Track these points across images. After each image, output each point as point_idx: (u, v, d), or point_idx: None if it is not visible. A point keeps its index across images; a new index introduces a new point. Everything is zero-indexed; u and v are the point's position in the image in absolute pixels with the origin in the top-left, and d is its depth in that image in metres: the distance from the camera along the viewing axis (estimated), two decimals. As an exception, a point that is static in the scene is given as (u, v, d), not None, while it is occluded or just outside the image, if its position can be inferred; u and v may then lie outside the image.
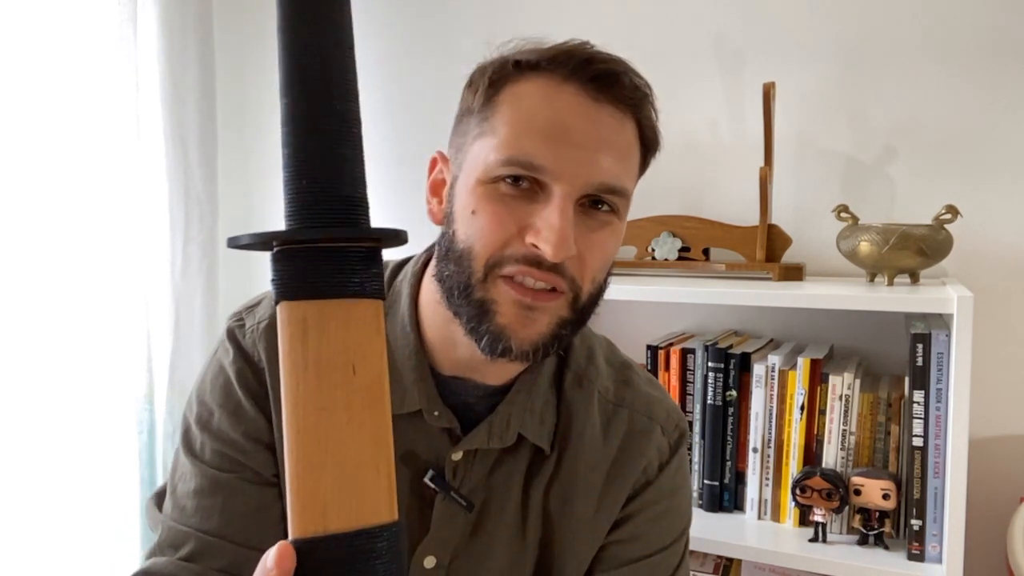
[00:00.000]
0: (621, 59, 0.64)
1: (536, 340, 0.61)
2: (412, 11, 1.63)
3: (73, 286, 1.37)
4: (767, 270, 1.26)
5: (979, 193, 1.25)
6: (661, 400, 0.79)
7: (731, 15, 1.40)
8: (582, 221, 0.61)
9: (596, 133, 0.60)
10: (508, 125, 0.61)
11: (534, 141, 0.59)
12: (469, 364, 0.68)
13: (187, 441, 0.71)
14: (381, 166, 1.70)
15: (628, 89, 0.62)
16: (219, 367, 0.71)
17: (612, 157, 0.61)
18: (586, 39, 0.64)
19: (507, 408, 0.70)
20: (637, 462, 0.75)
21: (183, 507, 0.68)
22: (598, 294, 0.66)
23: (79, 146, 1.36)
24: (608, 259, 0.65)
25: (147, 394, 1.47)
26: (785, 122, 1.33)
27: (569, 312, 0.62)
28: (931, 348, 1.03)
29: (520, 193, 0.60)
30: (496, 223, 0.60)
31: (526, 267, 0.59)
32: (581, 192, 0.60)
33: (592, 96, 0.61)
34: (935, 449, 1.03)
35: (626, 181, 0.63)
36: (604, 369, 0.77)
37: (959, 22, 1.26)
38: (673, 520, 0.78)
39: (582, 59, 0.61)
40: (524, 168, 0.59)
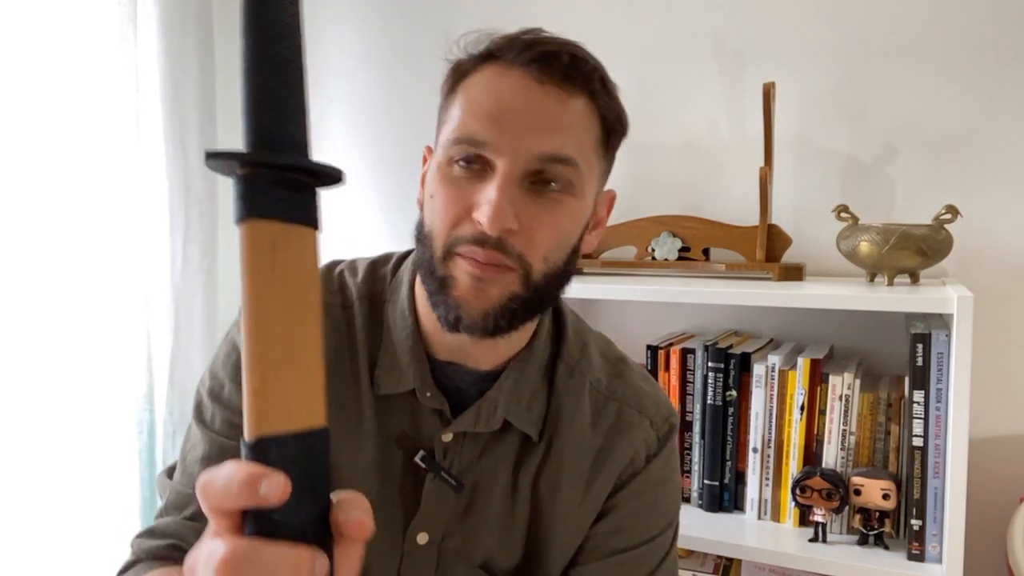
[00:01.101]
0: (569, 41, 0.67)
1: (487, 311, 0.64)
2: (415, 11, 1.63)
3: (73, 286, 1.37)
4: (767, 270, 1.26)
5: (979, 193, 1.25)
6: (652, 395, 0.80)
7: (731, 15, 1.40)
8: (530, 199, 0.64)
9: (538, 111, 0.63)
10: (460, 111, 0.65)
11: (479, 121, 0.63)
12: (460, 348, 0.71)
13: (199, 412, 0.74)
14: (381, 168, 1.70)
15: (569, 68, 0.65)
16: (232, 344, 0.75)
17: (554, 131, 0.63)
18: (540, 27, 0.68)
19: (495, 394, 0.72)
20: (624, 452, 0.77)
21: (191, 472, 0.71)
22: (555, 274, 0.67)
23: (79, 146, 1.36)
24: (563, 238, 0.66)
25: (147, 394, 1.47)
26: (785, 122, 1.33)
27: (521, 288, 0.64)
28: (931, 348, 1.03)
29: (471, 174, 0.64)
30: (449, 204, 0.64)
31: (472, 246, 0.63)
32: (524, 166, 0.63)
33: (535, 77, 0.64)
34: (935, 449, 1.03)
35: (571, 151, 0.64)
36: (598, 362, 0.79)
37: (959, 22, 1.26)
38: (659, 512, 0.79)
39: (526, 44, 0.64)
40: (470, 145, 0.63)
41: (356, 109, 1.72)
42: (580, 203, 0.67)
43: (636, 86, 1.47)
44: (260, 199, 0.40)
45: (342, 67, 1.72)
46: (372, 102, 1.70)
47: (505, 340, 0.70)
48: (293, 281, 0.40)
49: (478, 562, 0.75)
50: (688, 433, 1.25)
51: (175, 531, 0.69)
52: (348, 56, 1.72)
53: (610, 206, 0.78)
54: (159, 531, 0.70)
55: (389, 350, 0.73)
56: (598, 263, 1.40)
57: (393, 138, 1.69)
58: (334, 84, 1.73)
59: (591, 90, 0.67)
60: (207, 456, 0.71)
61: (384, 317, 0.74)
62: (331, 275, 0.77)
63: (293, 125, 0.41)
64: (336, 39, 1.73)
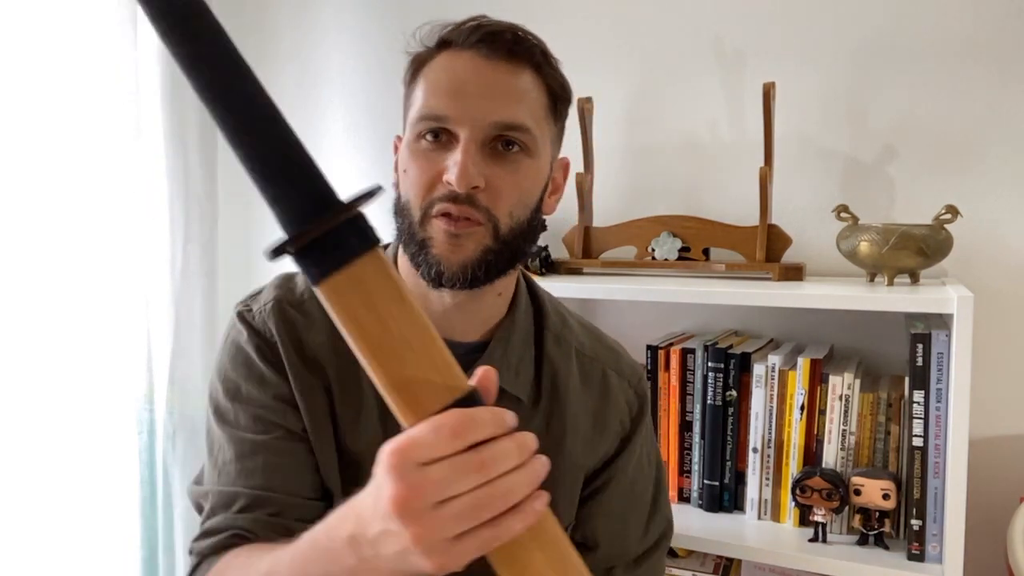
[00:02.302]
0: (512, 23, 0.75)
1: (465, 263, 0.71)
2: (415, 11, 1.63)
3: (73, 286, 1.37)
4: (767, 270, 1.26)
5: (979, 193, 1.25)
6: (624, 356, 0.92)
7: (731, 15, 1.40)
8: (493, 161, 0.72)
9: (490, 84, 0.71)
10: (422, 94, 0.73)
11: (440, 99, 0.72)
12: (444, 320, 0.77)
13: (219, 415, 0.79)
14: (380, 168, 1.70)
15: (513, 45, 0.73)
16: (236, 347, 0.80)
17: (507, 101, 0.72)
18: (484, 14, 0.75)
19: (485, 363, 0.77)
20: (614, 415, 0.87)
21: (228, 472, 0.76)
22: (521, 229, 0.75)
23: (79, 146, 1.36)
24: (525, 195, 0.75)
25: (147, 394, 1.47)
26: (785, 122, 1.33)
27: (492, 241, 0.72)
28: (931, 348, 1.03)
29: (438, 146, 0.72)
30: (421, 173, 0.72)
31: (446, 203, 0.70)
32: (483, 133, 0.71)
33: (484, 56, 0.72)
34: (935, 449, 1.03)
35: (525, 119, 0.72)
36: (577, 328, 0.89)
37: (959, 23, 1.26)
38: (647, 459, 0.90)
39: (473, 28, 0.73)
40: (434, 120, 0.71)
41: (356, 109, 1.72)
42: (537, 164, 0.75)
43: (636, 86, 1.47)
44: (313, 265, 0.47)
45: (342, 67, 1.72)
46: (372, 102, 1.70)
47: (484, 307, 0.79)
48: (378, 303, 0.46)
49: None
50: (688, 433, 1.25)
51: (230, 524, 0.74)
52: (348, 56, 1.72)
53: (565, 172, 0.85)
54: (214, 529, 0.75)
55: None
56: (598, 263, 1.40)
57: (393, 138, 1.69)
58: (334, 84, 1.73)
59: (535, 63, 0.74)
60: (240, 454, 0.76)
61: None
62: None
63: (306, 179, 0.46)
64: (336, 39, 1.73)
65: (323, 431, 0.78)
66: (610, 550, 0.87)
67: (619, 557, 0.87)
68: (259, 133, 0.46)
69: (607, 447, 0.87)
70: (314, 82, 1.75)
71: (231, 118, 0.46)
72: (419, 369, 0.47)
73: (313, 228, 0.46)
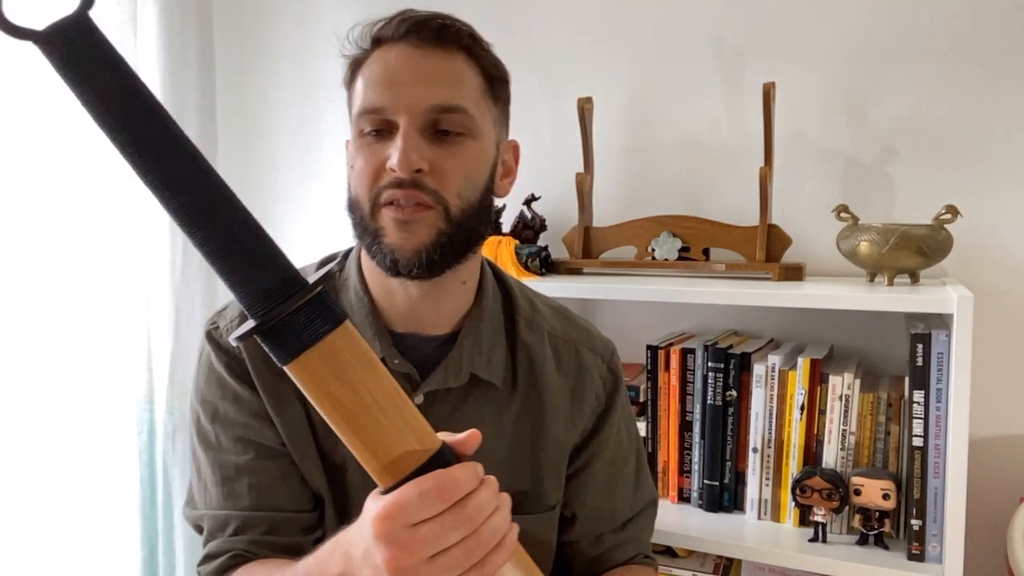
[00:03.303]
0: (436, 12, 0.76)
1: (419, 248, 0.72)
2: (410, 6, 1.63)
3: (73, 286, 1.37)
4: (767, 270, 1.26)
5: (979, 193, 1.25)
6: (596, 334, 0.94)
7: (731, 15, 1.40)
8: (435, 145, 0.73)
9: (422, 70, 0.73)
10: (360, 90, 0.75)
11: (375, 91, 0.73)
12: (412, 313, 0.79)
13: (202, 438, 0.81)
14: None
15: (440, 31, 0.74)
16: (209, 367, 0.81)
17: (441, 84, 0.73)
18: (410, 7, 0.77)
19: (458, 352, 0.80)
20: (590, 390, 0.89)
21: (217, 495, 0.79)
22: (472, 210, 0.75)
23: (79, 146, 1.36)
24: (472, 175, 0.75)
25: (147, 394, 1.47)
26: (785, 122, 1.33)
27: (445, 224, 0.73)
28: (931, 348, 1.03)
29: (379, 139, 0.73)
30: (366, 165, 0.73)
31: (393, 189, 0.71)
32: (420, 118, 0.72)
33: (414, 45, 0.73)
34: (935, 449, 1.03)
35: (460, 100, 0.73)
36: (546, 312, 0.90)
37: (959, 22, 1.26)
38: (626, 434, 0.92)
39: (399, 23, 0.74)
40: (373, 113, 0.73)
41: (356, 109, 1.72)
42: (480, 144, 0.76)
43: (636, 86, 1.47)
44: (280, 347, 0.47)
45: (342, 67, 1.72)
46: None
47: (449, 296, 0.80)
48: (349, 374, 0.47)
49: None
50: (688, 433, 1.25)
51: (228, 547, 0.77)
52: (348, 56, 1.71)
53: (516, 155, 0.86)
54: (214, 553, 0.78)
55: None
56: (598, 263, 1.40)
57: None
58: (334, 84, 1.73)
59: (465, 46, 0.75)
60: (225, 477, 0.79)
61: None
62: None
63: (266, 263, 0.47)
64: (336, 39, 1.72)
65: (302, 440, 0.79)
66: (598, 520, 0.90)
67: (608, 525, 0.91)
68: (213, 219, 0.46)
69: (585, 423, 0.89)
70: (314, 82, 1.75)
71: (180, 204, 0.45)
72: (392, 433, 0.48)
73: (277, 313, 0.46)
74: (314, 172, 1.76)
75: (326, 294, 0.49)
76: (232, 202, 0.47)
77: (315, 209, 1.76)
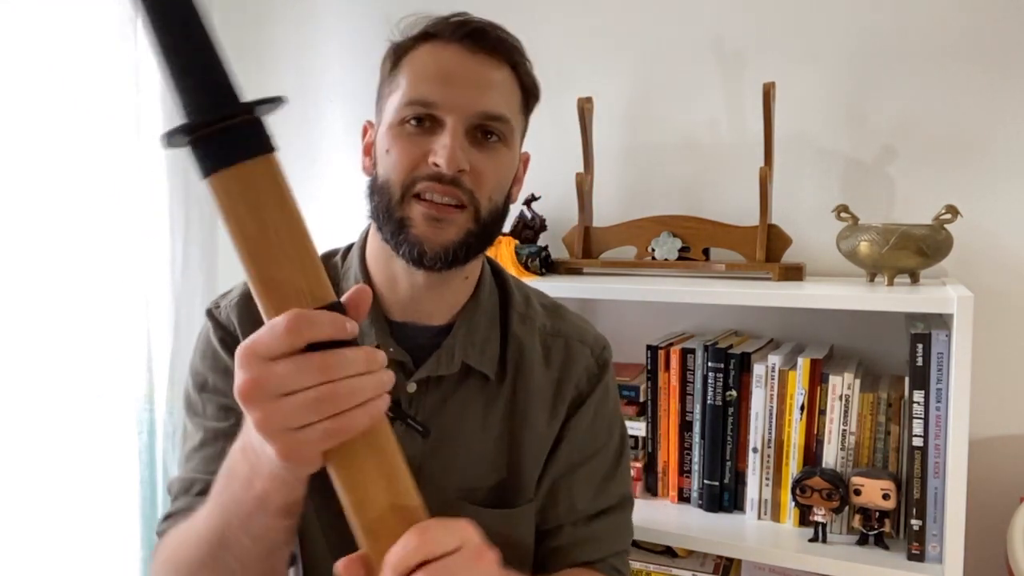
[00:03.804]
0: (492, 22, 0.79)
1: (447, 246, 0.74)
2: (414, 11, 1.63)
3: (73, 286, 1.37)
4: (767, 270, 1.26)
5: (979, 193, 1.25)
6: (590, 329, 0.94)
7: (731, 15, 1.40)
8: (475, 148, 0.76)
9: (474, 76, 0.76)
10: (408, 79, 0.76)
11: (428, 85, 0.75)
12: (412, 303, 0.81)
13: (189, 406, 0.84)
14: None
15: (496, 42, 0.77)
16: (206, 341, 0.84)
17: (490, 92, 0.76)
18: (466, 11, 0.79)
19: (451, 342, 0.82)
20: (573, 377, 0.89)
21: (193, 459, 0.81)
22: (497, 213, 0.79)
23: (79, 146, 1.36)
24: (501, 181, 0.79)
25: (147, 394, 1.47)
26: (785, 122, 1.33)
27: (474, 224, 0.76)
28: (931, 348, 1.03)
29: (422, 131, 0.75)
30: (406, 154, 0.75)
31: (431, 183, 0.73)
32: (468, 121, 0.75)
33: (469, 49, 0.76)
34: (935, 449, 1.03)
35: (505, 110, 0.77)
36: (540, 310, 0.92)
37: (959, 23, 1.26)
38: (601, 426, 0.91)
39: (457, 24, 0.76)
40: (421, 105, 0.74)
41: (356, 109, 1.72)
42: (512, 154, 0.80)
43: (636, 86, 1.47)
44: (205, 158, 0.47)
45: (342, 67, 1.72)
46: (372, 102, 1.70)
47: (451, 289, 0.82)
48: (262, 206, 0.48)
49: (454, 496, 0.82)
50: (688, 433, 1.25)
51: (189, 506, 0.77)
52: (348, 56, 1.72)
53: (526, 165, 0.89)
54: (174, 511, 0.80)
55: None
56: (598, 263, 1.40)
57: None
58: (334, 84, 1.73)
59: (513, 62, 0.79)
60: (203, 442, 0.80)
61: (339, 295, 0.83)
62: None
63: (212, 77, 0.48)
64: (336, 39, 1.73)
65: None
66: (556, 508, 0.87)
67: (566, 516, 0.87)
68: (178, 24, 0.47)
69: (565, 411, 0.89)
70: (314, 82, 1.75)
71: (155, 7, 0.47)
72: (288, 273, 0.49)
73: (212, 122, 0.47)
74: (314, 172, 1.76)
75: (260, 123, 0.50)
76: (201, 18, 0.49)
77: (315, 209, 1.75)
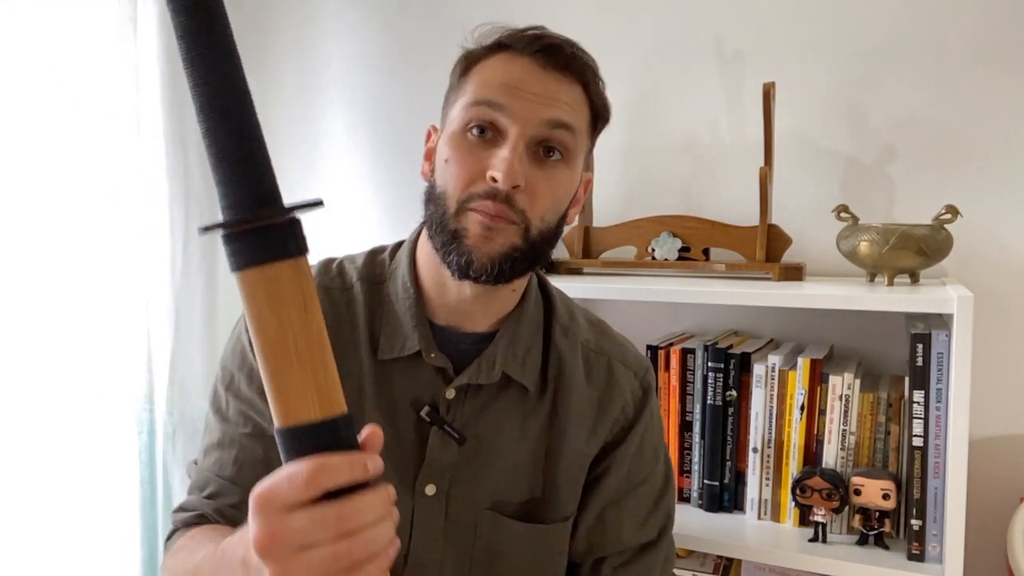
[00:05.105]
0: (568, 39, 0.78)
1: (494, 257, 0.73)
2: (415, 11, 1.63)
3: (73, 286, 1.37)
4: (767, 270, 1.26)
5: (979, 193, 1.25)
6: (632, 350, 0.93)
7: (731, 15, 1.40)
8: (534, 165, 0.74)
9: (544, 89, 0.74)
10: (476, 85, 0.76)
11: (496, 89, 0.74)
12: (459, 308, 0.81)
13: (215, 401, 0.85)
14: (381, 168, 1.70)
15: (570, 59, 0.76)
16: (236, 338, 0.84)
17: (559, 104, 0.74)
18: (542, 24, 0.79)
19: (492, 350, 0.82)
20: (617, 402, 0.89)
21: (209, 455, 0.83)
22: (548, 234, 0.77)
23: (79, 146, 1.36)
24: (557, 202, 0.77)
25: (147, 394, 1.47)
26: (785, 122, 1.33)
27: (521, 241, 0.74)
28: (931, 348, 1.03)
29: (483, 142, 0.74)
30: (464, 166, 0.74)
31: (484, 200, 0.72)
32: (533, 131, 0.73)
33: (540, 64, 0.75)
34: (935, 449, 1.03)
35: (572, 120, 0.75)
36: (584, 324, 0.91)
37: (959, 22, 1.26)
38: (648, 454, 0.91)
39: (532, 38, 0.76)
40: (487, 106, 0.73)
41: (356, 109, 1.72)
42: (572, 174, 0.78)
43: (636, 86, 1.47)
44: (237, 254, 0.49)
45: (342, 67, 1.72)
46: (372, 102, 1.70)
47: (498, 300, 0.81)
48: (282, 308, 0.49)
49: (486, 506, 0.83)
50: (688, 433, 1.25)
51: (198, 506, 0.81)
52: (348, 56, 1.72)
53: (588, 188, 0.88)
54: (187, 506, 0.83)
55: (391, 320, 0.82)
56: (598, 263, 1.40)
57: (393, 138, 1.69)
58: (334, 84, 1.73)
59: (585, 81, 0.77)
60: (219, 442, 0.82)
61: (385, 294, 0.84)
62: (330, 264, 0.87)
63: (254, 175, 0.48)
64: (336, 39, 1.73)
65: None
66: (603, 538, 0.88)
67: (612, 546, 0.88)
68: (228, 115, 0.48)
69: (607, 434, 0.88)
70: (314, 82, 1.75)
71: (206, 94, 0.47)
72: (300, 379, 0.49)
73: (251, 220, 0.48)
74: (315, 173, 1.76)
75: (296, 224, 0.50)
76: (251, 108, 0.49)
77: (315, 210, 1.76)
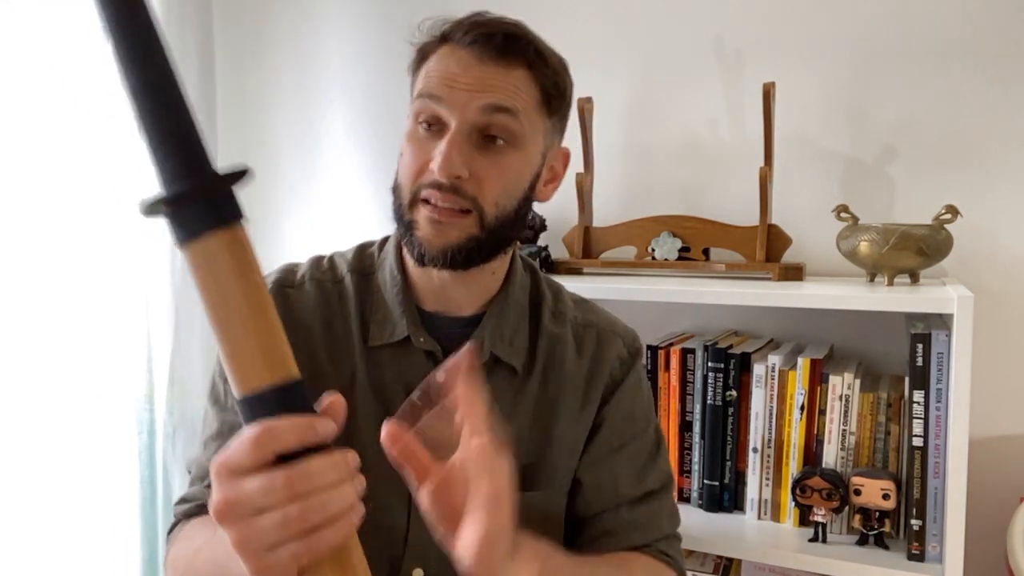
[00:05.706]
0: (508, 22, 0.78)
1: (446, 248, 0.76)
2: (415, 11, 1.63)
3: (73, 286, 1.37)
4: (767, 270, 1.26)
5: (979, 193, 1.25)
6: (620, 321, 0.96)
7: (731, 15, 1.40)
8: (479, 153, 0.76)
9: (479, 79, 0.75)
10: (422, 79, 0.79)
11: (435, 83, 0.76)
12: (442, 294, 0.83)
13: (213, 393, 0.86)
14: (381, 168, 1.70)
15: (504, 46, 0.76)
16: None
17: (495, 90, 0.75)
18: (485, 10, 0.79)
19: (480, 333, 0.84)
20: (606, 366, 0.91)
21: (209, 447, 0.84)
22: (507, 218, 0.78)
23: (79, 146, 1.36)
24: (510, 186, 0.78)
25: (147, 394, 1.47)
26: (785, 122, 1.33)
27: (478, 230, 0.76)
28: (931, 348, 1.03)
29: (431, 135, 0.76)
30: (413, 159, 0.77)
31: (432, 190, 0.75)
32: (472, 119, 0.75)
33: (476, 56, 0.76)
34: (935, 449, 1.03)
35: (512, 104, 0.76)
36: (570, 304, 0.94)
37: (959, 22, 1.26)
38: (638, 414, 0.92)
39: (469, 27, 0.77)
40: (428, 98, 0.76)
41: (356, 109, 1.72)
42: (524, 155, 0.79)
43: (636, 86, 1.47)
44: (175, 230, 0.49)
45: (342, 67, 1.72)
46: (372, 102, 1.70)
47: (479, 283, 0.83)
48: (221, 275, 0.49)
49: None
50: (688, 433, 1.25)
51: (200, 496, 0.83)
52: (348, 56, 1.72)
53: (566, 161, 0.88)
54: (189, 497, 0.85)
55: (381, 307, 0.85)
56: (598, 263, 1.40)
57: (393, 138, 1.69)
58: (334, 84, 1.73)
59: (527, 61, 0.77)
60: (219, 432, 0.83)
61: (374, 284, 0.86)
62: (321, 260, 0.90)
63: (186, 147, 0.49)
64: (336, 39, 1.73)
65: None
66: (597, 495, 0.89)
67: (610, 498, 0.88)
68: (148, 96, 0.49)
69: (598, 398, 0.90)
70: (314, 82, 1.75)
71: (138, 82, 0.49)
72: (247, 345, 0.49)
73: (179, 195, 0.48)
74: (314, 173, 1.76)
75: (228, 194, 0.50)
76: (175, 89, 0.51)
77: (316, 210, 1.76)
